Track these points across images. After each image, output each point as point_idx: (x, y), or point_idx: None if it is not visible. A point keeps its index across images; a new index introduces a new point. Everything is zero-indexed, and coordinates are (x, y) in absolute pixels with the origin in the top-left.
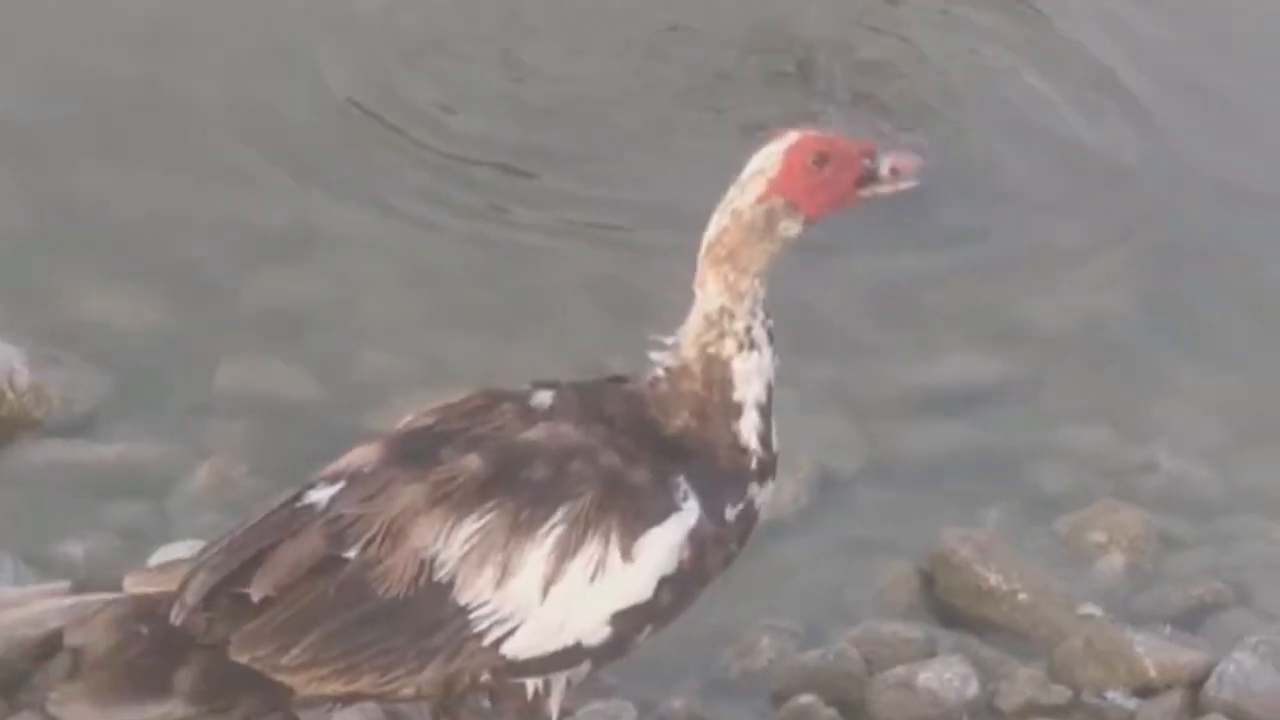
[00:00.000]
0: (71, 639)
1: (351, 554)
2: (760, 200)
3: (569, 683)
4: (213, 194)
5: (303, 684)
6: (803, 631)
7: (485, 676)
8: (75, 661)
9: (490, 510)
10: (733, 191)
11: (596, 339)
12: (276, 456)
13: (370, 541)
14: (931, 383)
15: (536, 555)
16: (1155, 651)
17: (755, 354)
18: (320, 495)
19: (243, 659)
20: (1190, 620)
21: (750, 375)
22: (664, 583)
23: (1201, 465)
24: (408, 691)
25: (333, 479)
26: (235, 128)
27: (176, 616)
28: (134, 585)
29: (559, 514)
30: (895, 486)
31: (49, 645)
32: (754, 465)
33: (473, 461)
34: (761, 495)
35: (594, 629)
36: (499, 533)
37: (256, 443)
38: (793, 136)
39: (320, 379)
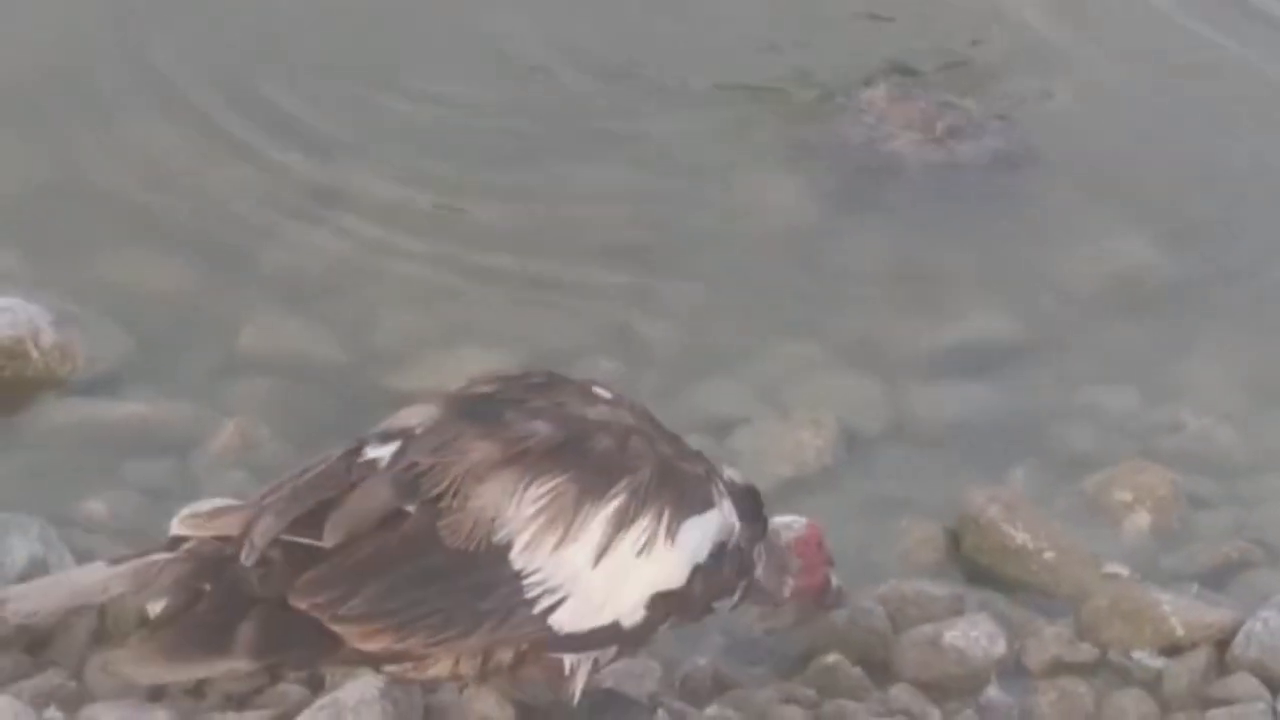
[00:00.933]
0: (138, 600)
1: (415, 505)
2: None
3: (596, 663)
4: (237, 153)
5: (357, 636)
6: None
7: (523, 648)
8: (145, 621)
9: (561, 474)
10: None
11: (621, 299)
12: (299, 417)
13: (441, 494)
14: (957, 342)
15: (597, 524)
16: (1182, 610)
17: None
18: (378, 451)
19: (302, 605)
20: (1217, 579)
21: None
22: (696, 572)
23: (1227, 425)
24: (443, 666)
25: (387, 437)
26: (257, 88)
27: (248, 558)
28: (184, 527)
29: (622, 484)
30: (920, 446)
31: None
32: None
33: (542, 426)
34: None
35: (632, 609)
36: (568, 497)
37: (279, 403)
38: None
39: (344, 340)
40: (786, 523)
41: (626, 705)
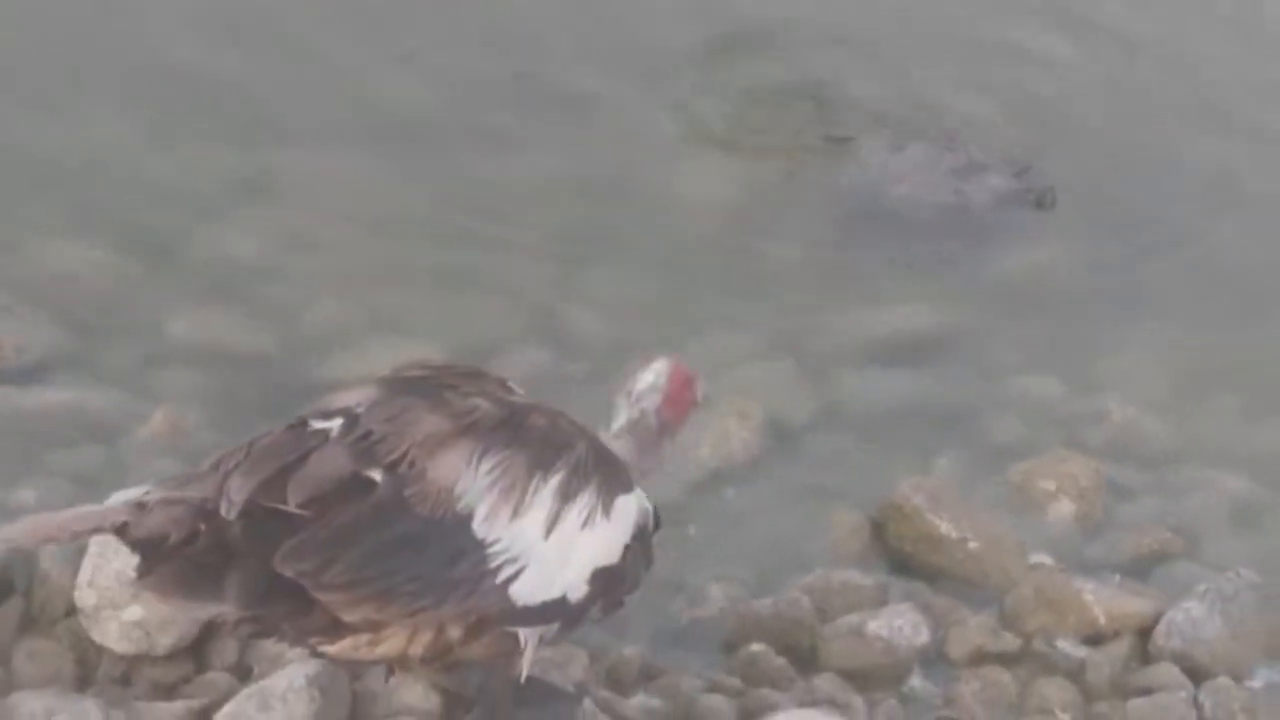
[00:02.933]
0: (137, 532)
1: (377, 473)
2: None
3: (540, 641)
4: (165, 145)
5: (340, 604)
6: (754, 580)
7: (472, 621)
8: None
9: (510, 445)
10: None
11: (549, 289)
12: (228, 405)
13: (398, 462)
14: (883, 332)
15: (545, 494)
16: (1104, 600)
17: None
18: (327, 424)
19: (288, 572)
20: (1139, 569)
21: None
22: (627, 550)
23: (1151, 415)
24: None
25: (327, 414)
26: (187, 79)
27: (228, 511)
28: (159, 492)
29: (563, 459)
30: (846, 435)
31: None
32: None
33: (483, 403)
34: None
35: (577, 583)
36: (519, 468)
37: (208, 391)
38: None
39: (271, 329)
40: (651, 379)
41: (553, 694)
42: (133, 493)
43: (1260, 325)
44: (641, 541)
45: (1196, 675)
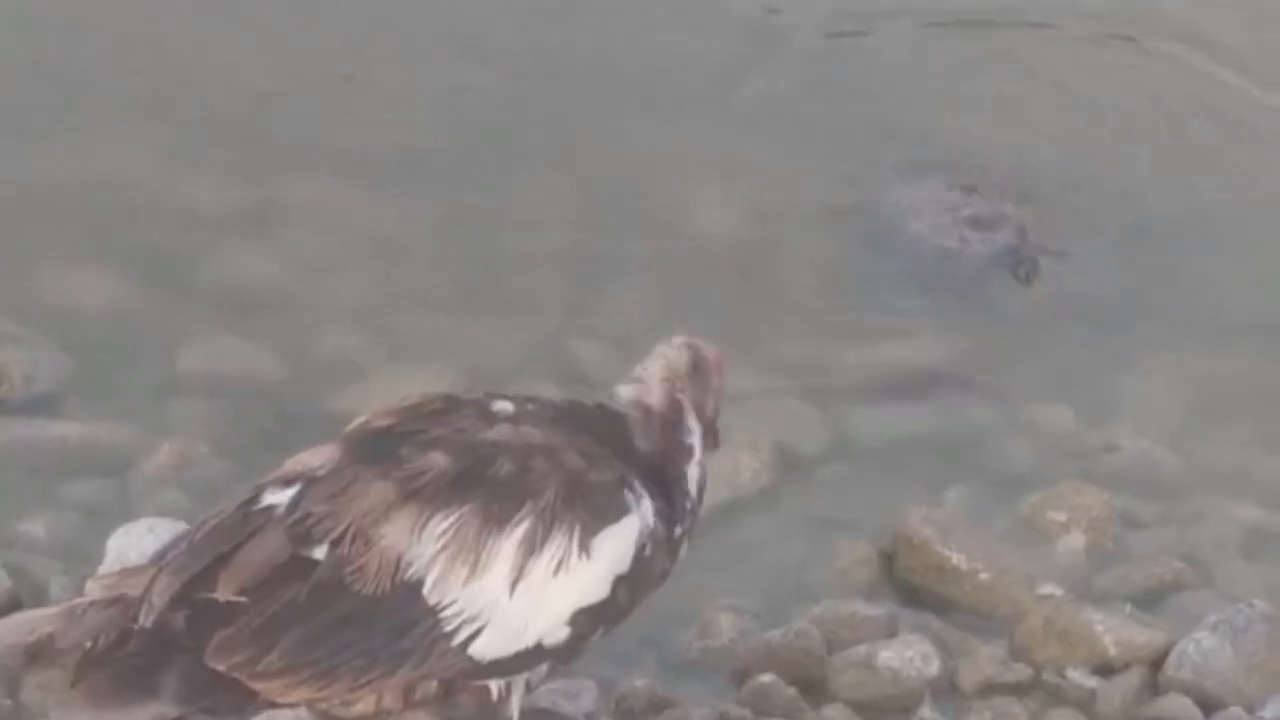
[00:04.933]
0: (64, 641)
1: (318, 553)
2: None
3: (528, 684)
4: (175, 172)
5: (278, 690)
6: (764, 611)
7: (449, 676)
8: (71, 664)
9: (461, 506)
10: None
11: (558, 318)
12: (237, 435)
13: (339, 540)
14: (893, 363)
15: (505, 551)
16: (1115, 630)
17: None
18: (277, 497)
19: (220, 666)
20: (1150, 600)
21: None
22: (619, 582)
23: (1162, 446)
24: (367, 703)
25: (286, 481)
26: (195, 106)
27: (146, 618)
28: (97, 590)
29: (525, 509)
30: (856, 466)
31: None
32: (688, 507)
33: (438, 459)
34: (682, 538)
35: (555, 628)
36: (470, 528)
37: (217, 422)
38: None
39: (282, 358)
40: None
41: None
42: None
43: (1271, 355)
44: (644, 560)
45: (1208, 706)
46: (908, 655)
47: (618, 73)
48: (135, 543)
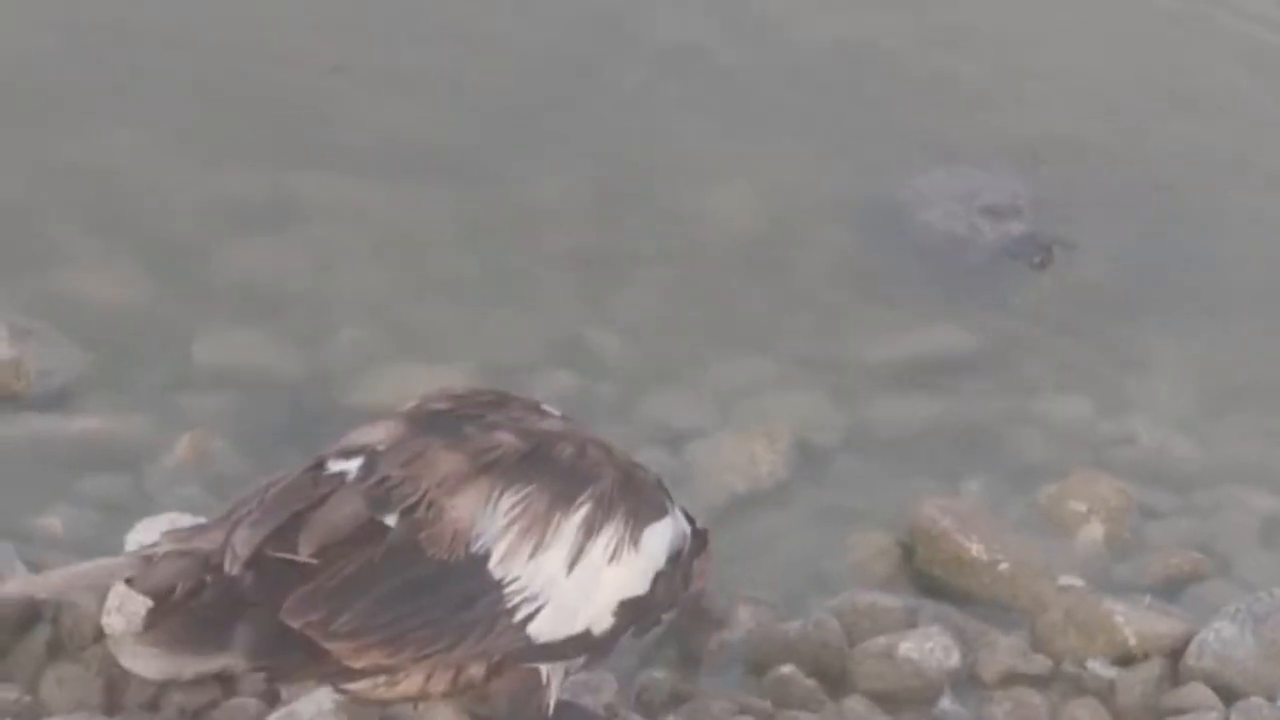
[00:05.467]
0: (143, 585)
1: (393, 519)
2: None
3: (565, 674)
4: (190, 166)
5: (349, 653)
6: (782, 603)
7: (495, 660)
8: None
9: (530, 483)
10: None
11: (575, 311)
12: (255, 430)
13: (415, 506)
14: (909, 354)
15: (567, 531)
16: (1135, 621)
17: None
18: (344, 465)
19: (295, 623)
20: (1170, 590)
21: None
22: (658, 578)
23: (1180, 435)
24: (414, 682)
25: (348, 453)
26: (210, 99)
27: (231, 565)
28: (169, 543)
29: (587, 493)
30: (874, 458)
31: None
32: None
33: (505, 437)
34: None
35: (602, 616)
36: (540, 505)
37: (235, 416)
38: None
39: (299, 352)
40: None
41: (584, 717)
42: (147, 539)
43: None
44: (676, 565)
45: (1228, 696)
46: (928, 646)
47: (632, 68)
48: (154, 538)
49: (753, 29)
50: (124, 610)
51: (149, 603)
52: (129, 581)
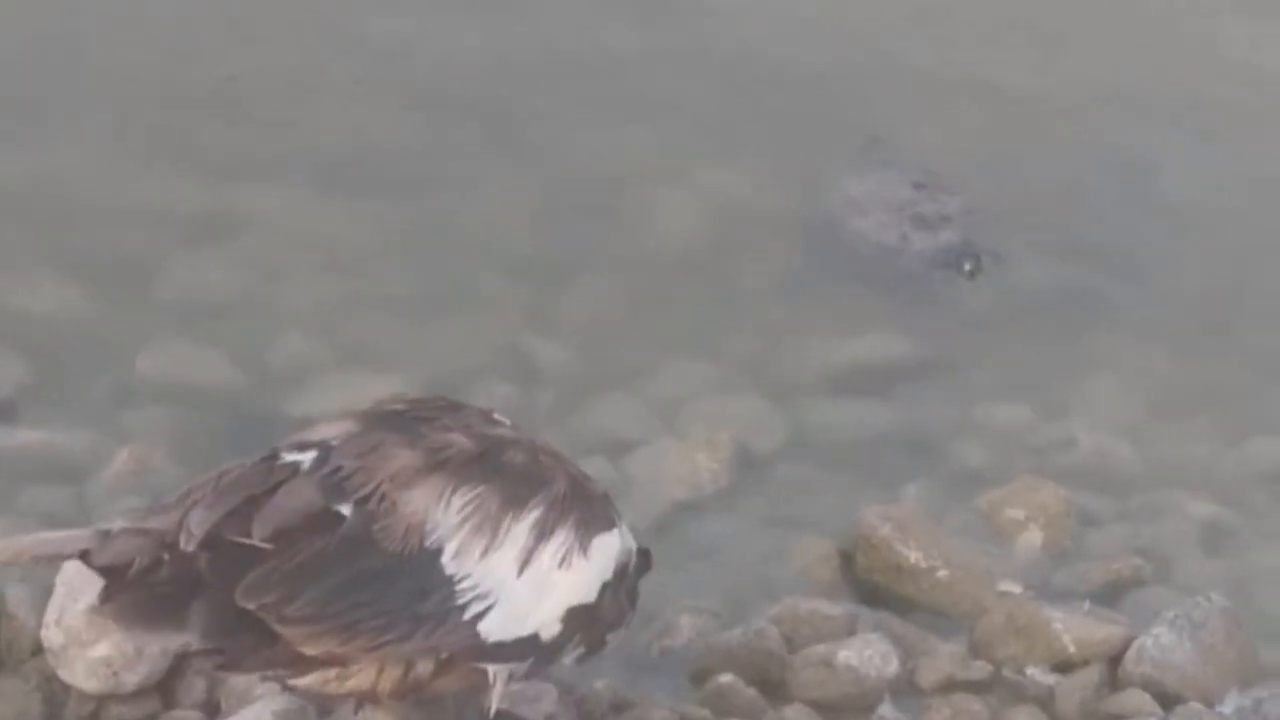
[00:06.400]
0: (99, 560)
1: (347, 508)
2: None
3: (510, 678)
4: (130, 177)
5: (302, 638)
6: (723, 610)
7: (443, 657)
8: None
9: (482, 483)
10: None
11: (517, 320)
12: (196, 442)
13: (368, 497)
14: (850, 361)
15: (519, 531)
16: (1074, 627)
17: None
18: (300, 456)
19: (249, 605)
20: (1109, 596)
21: None
22: (605, 589)
23: (1120, 441)
24: (365, 677)
25: (302, 446)
26: (149, 112)
27: (187, 544)
28: (124, 522)
29: (539, 496)
30: (815, 465)
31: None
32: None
33: (459, 438)
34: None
35: (550, 621)
36: (492, 505)
37: (176, 429)
38: None
39: (239, 365)
40: None
41: None
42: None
43: (1227, 348)
44: (622, 580)
45: (1167, 701)
46: (867, 654)
47: (573, 75)
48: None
49: (691, 39)
50: (62, 624)
51: (102, 580)
52: (85, 555)
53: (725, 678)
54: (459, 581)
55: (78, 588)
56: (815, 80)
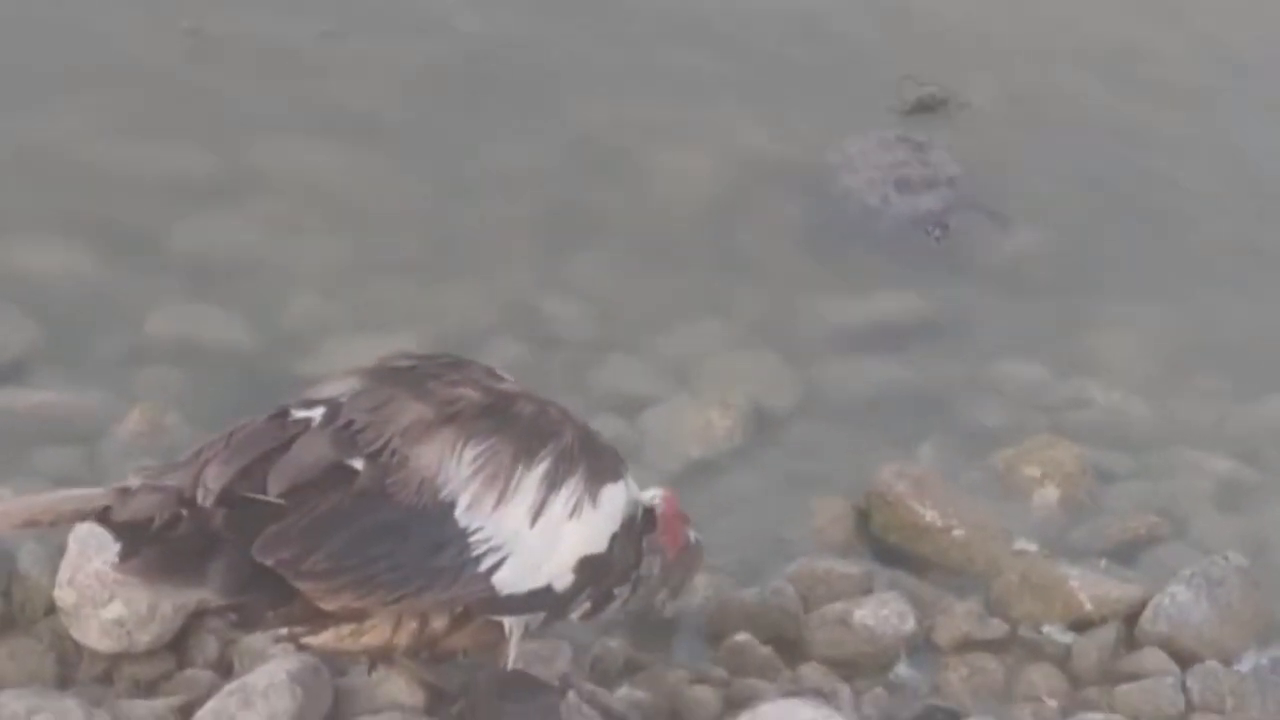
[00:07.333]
0: (119, 515)
1: (359, 463)
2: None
3: (525, 630)
4: (142, 138)
5: (320, 592)
6: (738, 570)
7: (458, 612)
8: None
9: (493, 435)
10: None
11: (529, 280)
12: (207, 402)
13: (380, 451)
14: (866, 319)
15: (530, 482)
16: (1090, 585)
17: None
18: (310, 413)
19: (267, 560)
20: (1125, 554)
21: None
22: (614, 539)
23: (1135, 399)
24: (380, 633)
25: (310, 403)
26: (160, 72)
27: (204, 499)
28: (140, 479)
29: (549, 447)
30: (830, 423)
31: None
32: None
33: (469, 392)
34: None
35: (563, 571)
36: (504, 457)
37: (187, 389)
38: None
39: (250, 325)
40: (646, 498)
41: (537, 687)
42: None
43: (1243, 305)
44: (630, 531)
45: (1184, 660)
46: (883, 613)
47: (582, 39)
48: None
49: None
50: (75, 583)
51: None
52: (105, 512)
53: (741, 636)
54: (473, 534)
55: (91, 547)
56: (831, 39)
